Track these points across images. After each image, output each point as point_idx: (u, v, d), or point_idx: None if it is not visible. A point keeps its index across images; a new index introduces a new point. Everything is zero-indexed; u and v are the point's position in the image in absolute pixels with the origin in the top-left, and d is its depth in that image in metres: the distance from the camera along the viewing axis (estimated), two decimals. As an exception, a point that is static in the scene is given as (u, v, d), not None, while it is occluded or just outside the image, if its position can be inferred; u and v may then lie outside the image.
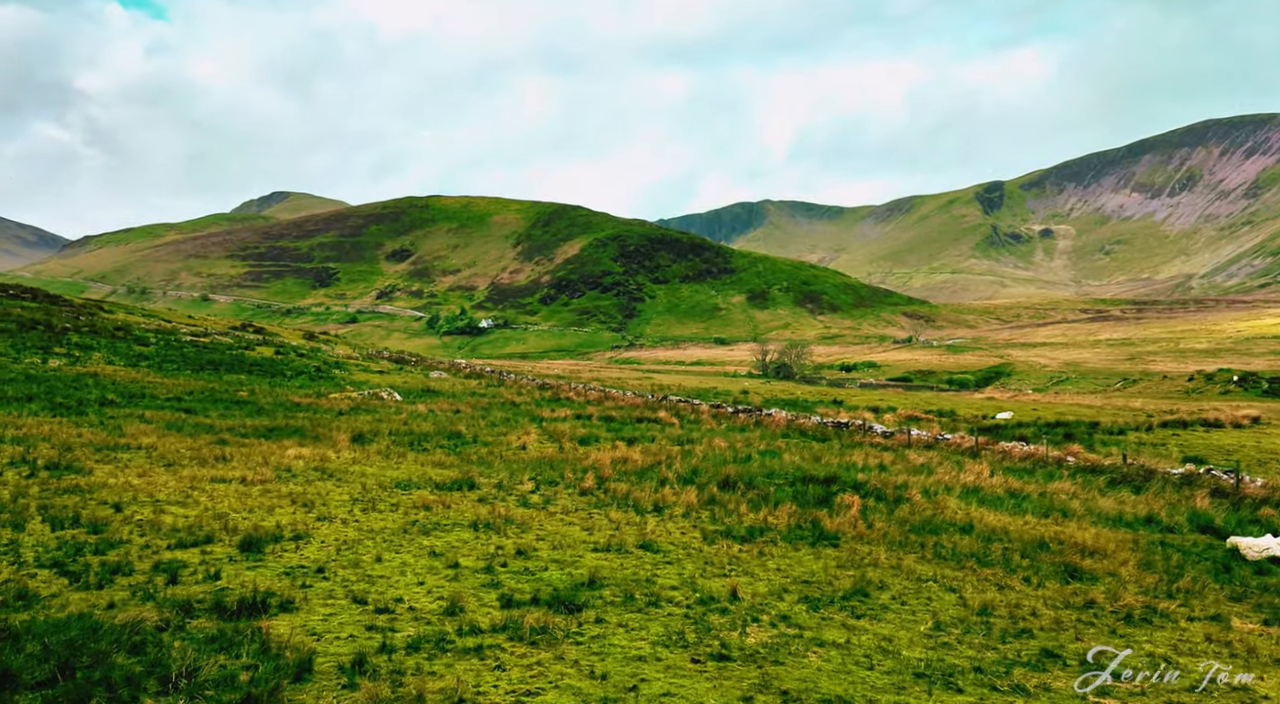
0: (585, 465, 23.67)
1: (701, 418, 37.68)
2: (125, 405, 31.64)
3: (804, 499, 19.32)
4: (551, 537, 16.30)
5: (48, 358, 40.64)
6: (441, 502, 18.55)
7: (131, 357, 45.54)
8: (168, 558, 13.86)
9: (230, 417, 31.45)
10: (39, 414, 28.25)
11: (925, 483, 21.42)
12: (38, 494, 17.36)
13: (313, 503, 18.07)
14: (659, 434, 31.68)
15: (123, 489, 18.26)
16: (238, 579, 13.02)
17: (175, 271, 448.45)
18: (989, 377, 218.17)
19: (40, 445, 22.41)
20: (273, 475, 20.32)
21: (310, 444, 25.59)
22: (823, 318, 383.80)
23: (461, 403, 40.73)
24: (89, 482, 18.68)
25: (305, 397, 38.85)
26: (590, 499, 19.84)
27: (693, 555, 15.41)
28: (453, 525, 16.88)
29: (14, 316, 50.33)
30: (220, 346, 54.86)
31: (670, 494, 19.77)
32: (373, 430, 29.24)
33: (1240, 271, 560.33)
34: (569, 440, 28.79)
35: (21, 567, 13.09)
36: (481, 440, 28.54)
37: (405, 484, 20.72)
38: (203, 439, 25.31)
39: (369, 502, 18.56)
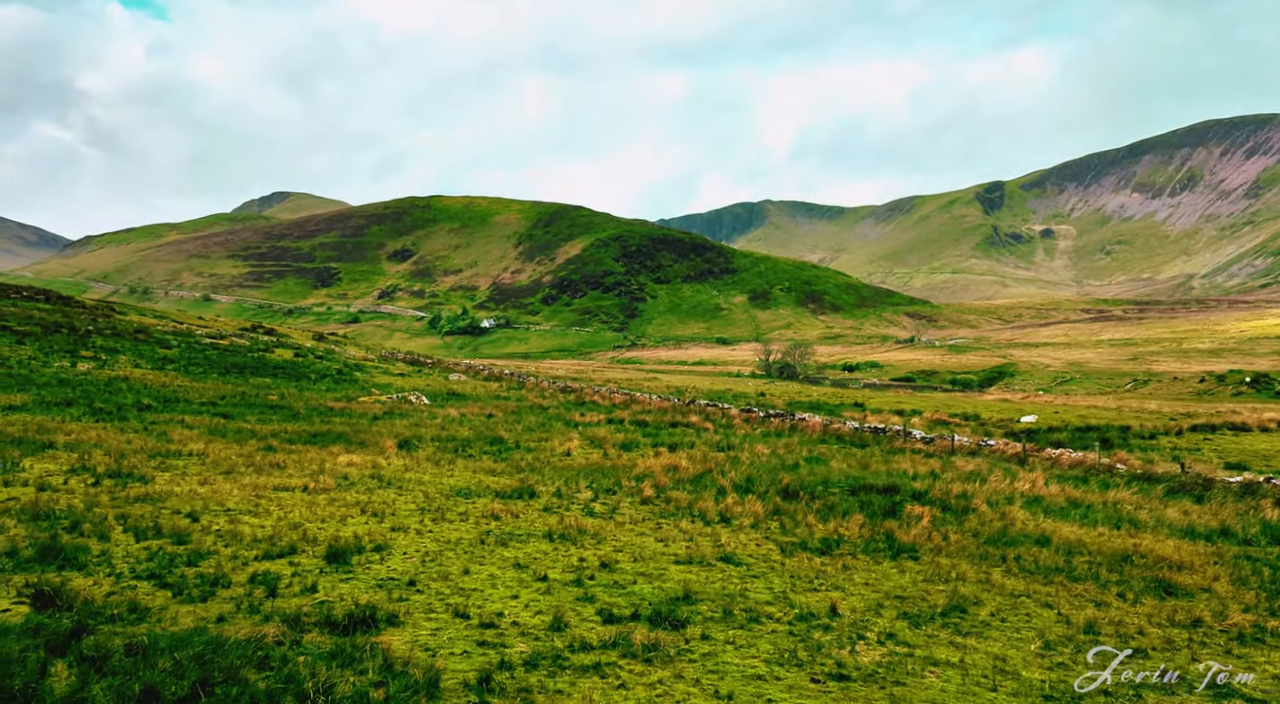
0: (637, 473, 23.56)
1: (734, 422, 37.55)
2: (162, 410, 31.54)
3: (870, 509, 19.20)
4: (629, 548, 16.23)
5: (76, 361, 40.53)
6: (508, 511, 18.48)
7: (157, 360, 45.41)
8: (259, 569, 13.80)
9: (268, 422, 31.36)
10: (81, 419, 28.17)
11: (985, 492, 21.31)
12: (109, 503, 17.30)
13: (382, 513, 18.00)
14: (696, 439, 31.54)
15: (190, 498, 18.19)
16: (334, 592, 12.96)
17: (177, 271, 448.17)
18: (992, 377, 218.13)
19: (94, 452, 22.34)
20: (334, 484, 20.25)
21: (358, 450, 25.52)
22: (825, 318, 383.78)
23: (490, 407, 40.61)
24: (155, 490, 18.61)
25: (336, 401, 38.76)
26: (653, 509, 19.75)
27: (775, 568, 15.34)
28: (527, 536, 16.82)
29: (36, 319, 50.20)
30: (240, 349, 54.74)
31: (734, 504, 19.67)
32: (415, 436, 29.13)
33: (1241, 272, 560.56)
34: (611, 447, 28.69)
35: (119, 578, 13.03)
36: (525, 446, 28.42)
37: (466, 492, 20.63)
38: (250, 445, 25.22)
39: (436, 511, 18.48)
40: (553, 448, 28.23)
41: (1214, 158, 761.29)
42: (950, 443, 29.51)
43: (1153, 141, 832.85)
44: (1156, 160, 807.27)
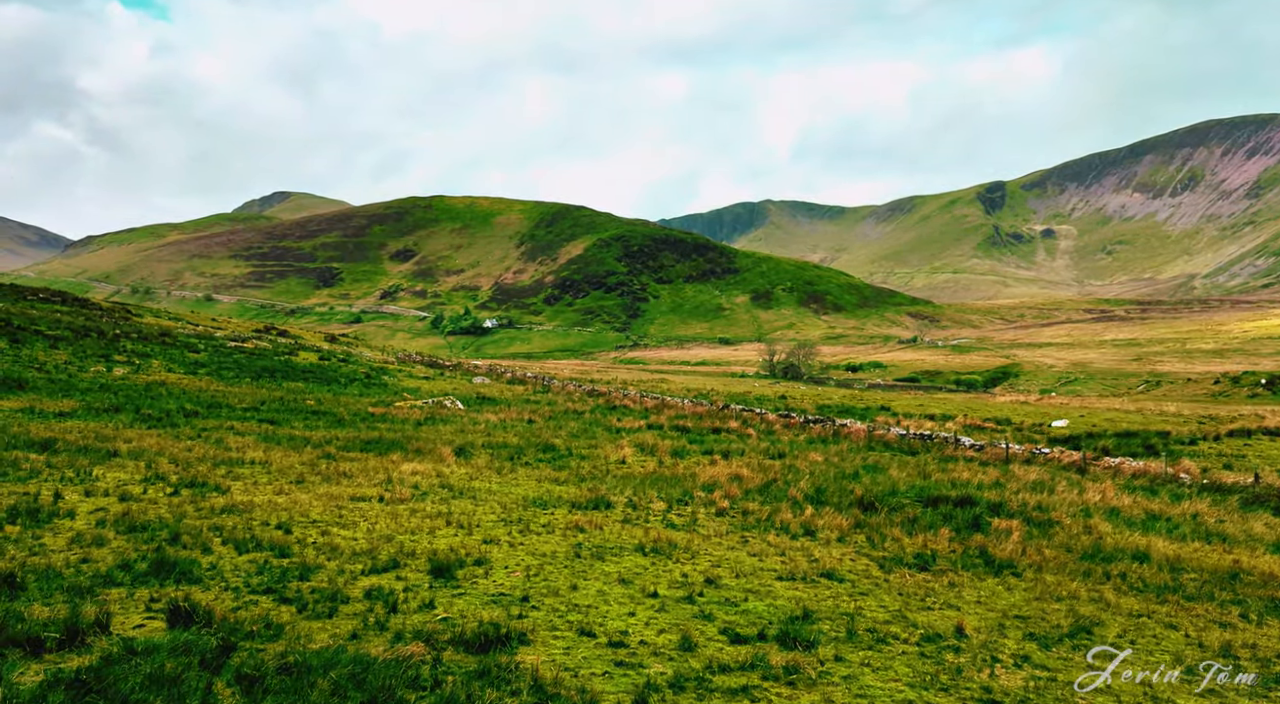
0: (702, 483, 23.38)
1: (774, 428, 37.30)
2: (208, 416, 31.35)
3: (953, 523, 19.04)
4: (726, 563, 16.04)
5: (112, 366, 40.32)
6: (589, 522, 18.31)
7: (188, 364, 45.21)
8: (369, 585, 13.65)
9: (316, 428, 31.18)
10: (133, 426, 27.98)
11: (1059, 504, 21.14)
12: (196, 514, 17.14)
13: (466, 524, 17.83)
14: (744, 446, 31.34)
15: (273, 509, 18.02)
16: (453, 608, 12.80)
17: (179, 271, 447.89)
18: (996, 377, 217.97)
19: (159, 461, 22.17)
20: (409, 494, 20.07)
21: (416, 458, 25.32)
22: (827, 318, 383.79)
23: (526, 411, 40.39)
24: (236, 501, 18.44)
25: (374, 406, 38.54)
26: (731, 521, 19.57)
27: (881, 585, 15.17)
28: (619, 549, 16.65)
29: (64, 323, 49.91)
30: (265, 353, 54.52)
31: (813, 516, 19.50)
32: (467, 443, 28.93)
33: (1243, 272, 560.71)
34: (664, 454, 28.52)
35: (238, 593, 12.88)
36: (578, 454, 28.23)
37: (540, 503, 20.45)
38: (308, 453, 25.05)
39: (518, 523, 18.31)
40: (606, 455, 28.04)
41: (1215, 158, 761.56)
42: (1004, 451, 29.28)
43: (1154, 141, 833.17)
44: (1157, 160, 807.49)
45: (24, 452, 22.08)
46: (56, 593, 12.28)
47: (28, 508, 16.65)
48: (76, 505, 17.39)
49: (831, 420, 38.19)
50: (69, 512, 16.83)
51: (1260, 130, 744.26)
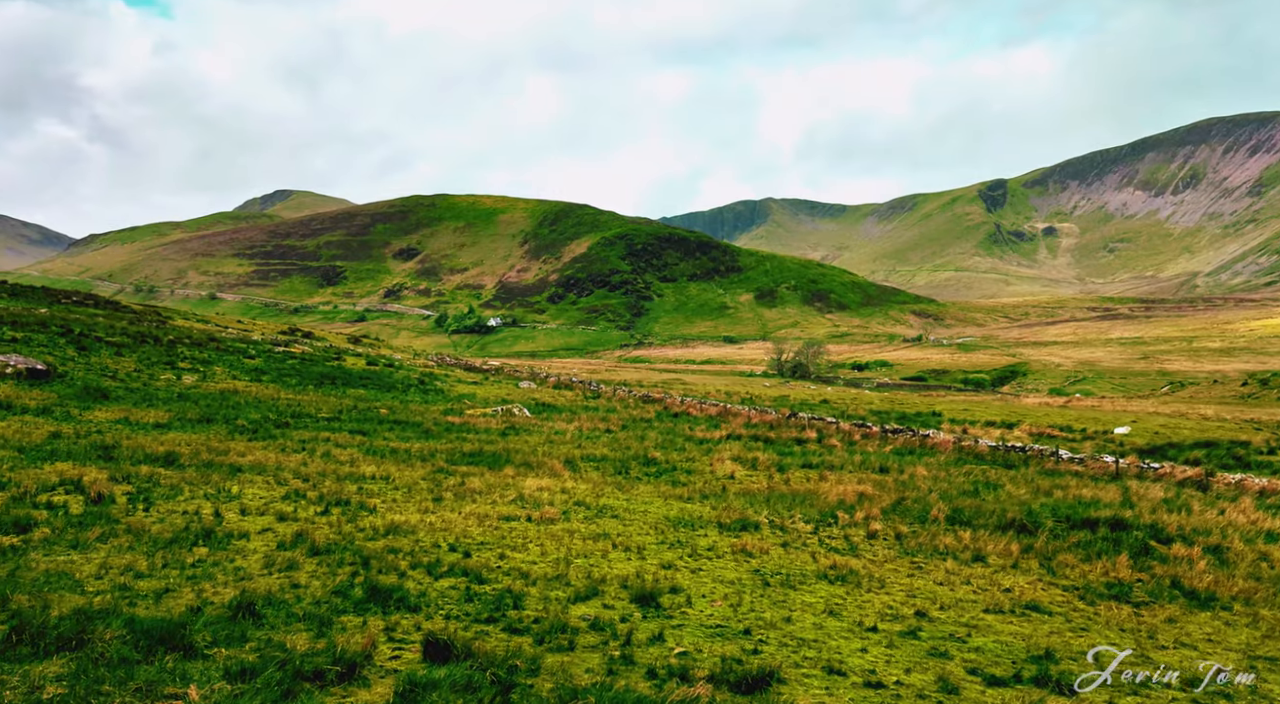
0: (831, 500, 22.91)
1: (854, 438, 36.78)
2: (297, 427, 30.87)
3: (1121, 548, 18.54)
4: (921, 594, 15.53)
5: (180, 374, 39.81)
6: (752, 546, 17.76)
7: (248, 370, 44.71)
8: (582, 613, 13.24)
9: (407, 439, 30.71)
10: (232, 437, 27.50)
11: (1214, 525, 20.69)
12: (363, 536, 16.69)
13: (632, 547, 17.35)
14: (838, 458, 30.79)
15: (430, 529, 17.56)
16: (684, 641, 12.40)
17: (182, 270, 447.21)
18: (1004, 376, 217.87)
19: (283, 475, 21.75)
20: (556, 513, 19.60)
21: (530, 472, 24.84)
22: (831, 316, 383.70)
23: (595, 420, 39.92)
24: (390, 521, 17.98)
25: (447, 414, 38.05)
26: (889, 545, 19.00)
27: (1094, 620, 14.66)
28: (800, 576, 16.19)
29: (119, 329, 49.31)
30: (315, 358, 54.00)
31: (972, 540, 19.02)
32: (565, 455, 28.44)
33: (1246, 269, 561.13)
34: (768, 469, 28.01)
35: (464, 622, 12.49)
36: (681, 468, 27.69)
37: (686, 523, 19.96)
38: (419, 468, 24.58)
39: (681, 545, 17.82)
40: (713, 470, 27.50)
41: (1217, 155, 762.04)
42: (1113, 465, 28.75)
43: (1155, 139, 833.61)
44: (1159, 158, 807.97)
45: (150, 466, 21.64)
46: (294, 622, 11.97)
47: (200, 528, 16.26)
48: (241, 525, 16.98)
49: (912, 430, 37.58)
50: (240, 532, 16.43)
51: (1262, 128, 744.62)
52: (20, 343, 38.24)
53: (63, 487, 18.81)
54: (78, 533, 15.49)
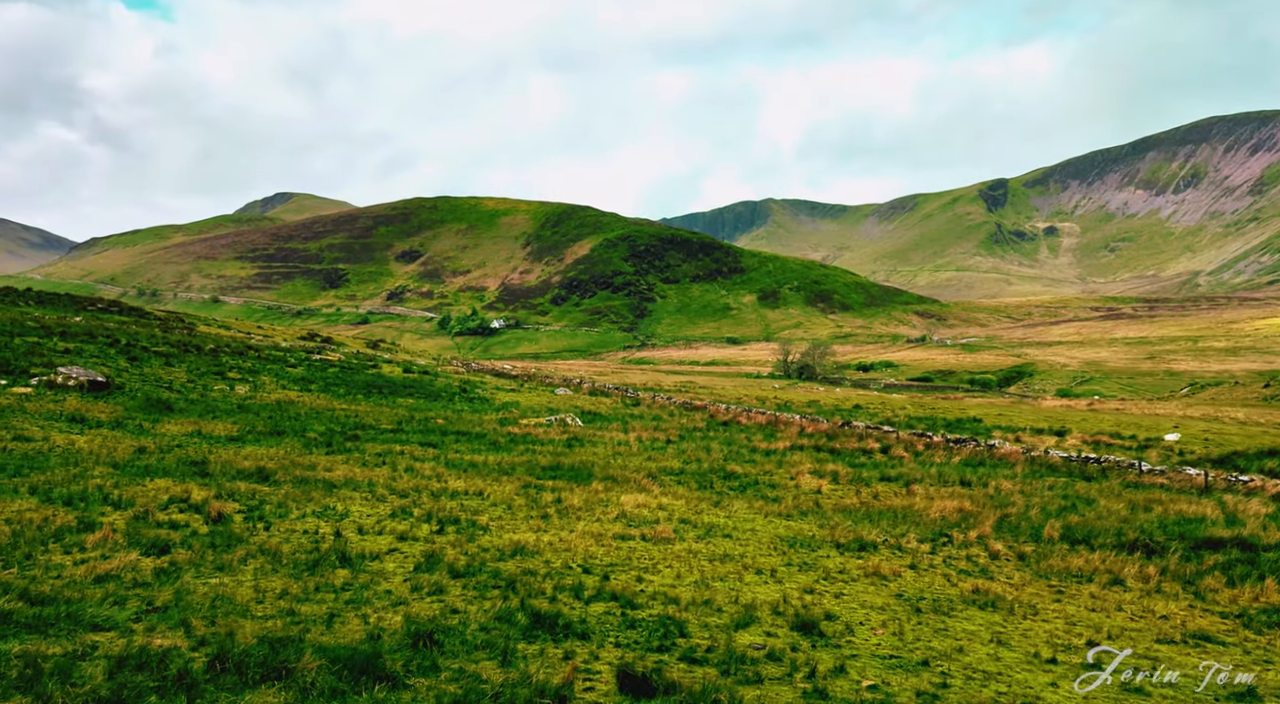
0: (933, 517, 22.59)
1: (918, 448, 36.43)
2: (365, 439, 30.66)
3: (1258, 570, 18.17)
4: (1081, 621, 15.07)
5: (233, 384, 39.61)
6: (880, 568, 17.27)
7: (295, 380, 44.50)
8: (749, 641, 13.01)
9: (478, 451, 30.50)
10: (310, 450, 27.32)
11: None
12: (489, 557, 16.50)
13: (762, 569, 16.98)
14: (912, 471, 30.35)
15: (554, 550, 17.28)
16: (872, 675, 12.16)
17: (185, 273, 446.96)
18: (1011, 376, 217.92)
19: (380, 491, 21.60)
20: (671, 533, 19.34)
21: (618, 487, 24.59)
22: (834, 317, 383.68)
23: (649, 429, 39.61)
24: (510, 541, 17.75)
25: (503, 424, 37.83)
26: (1020, 567, 18.55)
27: (1273, 651, 14.35)
28: (947, 601, 15.72)
29: (161, 338, 49.00)
30: (353, 366, 53.78)
31: (1103, 561, 18.58)
32: (640, 468, 28.27)
33: (1248, 268, 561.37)
34: (850, 483, 27.68)
35: (642, 652, 12.29)
36: (764, 482, 27.38)
37: (801, 542, 19.57)
38: (506, 482, 24.35)
39: (812, 567, 17.46)
40: (797, 485, 27.07)
41: (1218, 154, 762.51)
42: (1200, 478, 28.41)
43: (1156, 138, 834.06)
44: (1160, 157, 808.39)
45: (246, 483, 21.50)
46: (474, 650, 11.86)
47: (330, 549, 16.10)
48: (364, 545, 16.82)
49: (975, 440, 37.28)
50: (369, 552, 16.27)
51: (1263, 126, 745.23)
52: (74, 354, 38.04)
53: (174, 505, 18.66)
54: (217, 555, 15.36)
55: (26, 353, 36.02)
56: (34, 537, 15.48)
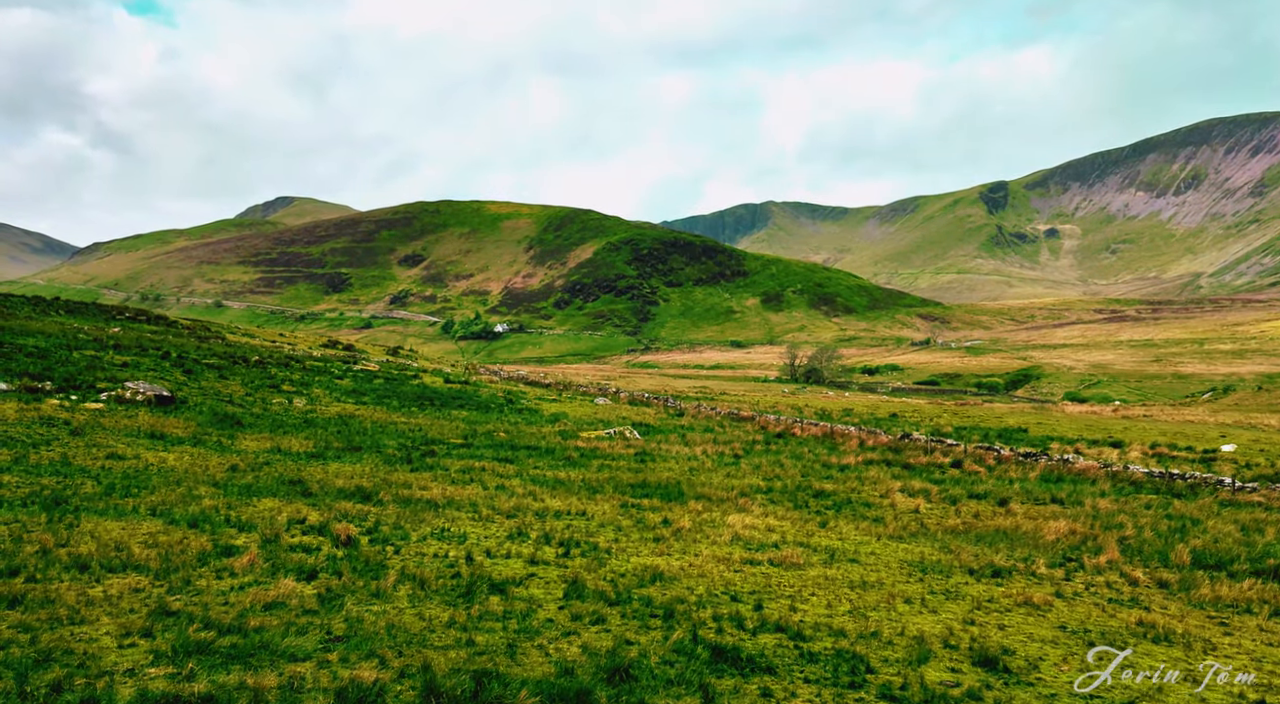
0: (1049, 539, 21.95)
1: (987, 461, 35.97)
2: (441, 455, 30.39)
3: None
4: (1269, 659, 14.64)
5: (290, 398, 39.35)
6: (1040, 597, 16.90)
7: (346, 392, 44.22)
8: (938, 678, 12.74)
9: (556, 467, 30.09)
10: (395, 467, 27.02)
11: None
12: (623, 580, 16.29)
13: (912, 598, 16.39)
14: (1000, 488, 29.81)
15: (688, 575, 16.93)
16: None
17: (188, 278, 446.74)
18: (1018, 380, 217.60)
19: (483, 511, 21.38)
20: (799, 558, 18.93)
21: (710, 506, 24.13)
22: (838, 320, 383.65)
23: (714, 442, 39.12)
24: (640, 565, 17.43)
25: (566, 438, 37.49)
26: (1170, 596, 18.08)
27: None
28: (1115, 634, 15.27)
29: (205, 349, 48.71)
30: (397, 376, 53.38)
31: (1252, 589, 17.93)
32: (723, 484, 27.94)
33: (1250, 270, 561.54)
34: (944, 501, 27.16)
35: (839, 690, 12.02)
36: (857, 500, 26.80)
37: (934, 568, 19.13)
38: (602, 502, 23.91)
39: (958, 595, 17.06)
40: (892, 504, 26.27)
41: (1218, 156, 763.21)
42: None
43: (1156, 140, 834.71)
44: (1160, 159, 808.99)
45: (350, 502, 21.28)
46: (671, 686, 11.60)
47: (482, 578, 15.91)
48: (498, 570, 16.61)
49: (1046, 454, 36.80)
50: (511, 578, 16.06)
51: (1264, 128, 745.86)
52: (131, 367, 37.78)
53: (295, 527, 18.45)
54: (366, 581, 15.20)
55: (88, 367, 35.75)
56: (180, 562, 15.32)
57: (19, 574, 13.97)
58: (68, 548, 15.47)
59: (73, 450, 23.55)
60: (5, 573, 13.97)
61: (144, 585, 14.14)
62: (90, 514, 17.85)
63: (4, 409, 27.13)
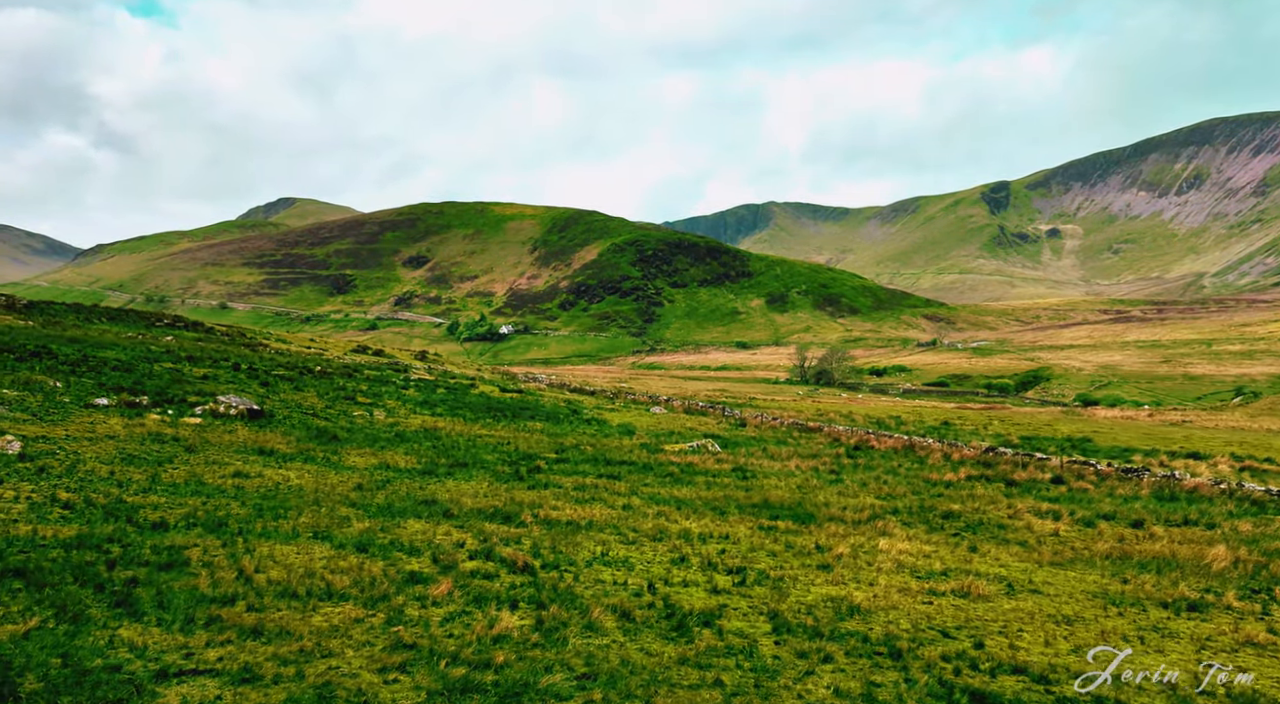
0: (1217, 568, 21.00)
1: (1085, 474, 35.54)
2: (545, 471, 29.93)
3: None
4: None
5: (369, 410, 38.89)
6: (1262, 637, 16.26)
7: (416, 403, 43.67)
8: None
9: (665, 484, 29.11)
10: (510, 485, 26.60)
11: None
12: (821, 612, 15.73)
13: (1125, 635, 15.94)
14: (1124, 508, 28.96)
15: (880, 608, 16.29)
16: None
17: (192, 279, 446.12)
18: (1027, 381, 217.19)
19: (628, 533, 20.98)
20: (988, 590, 18.28)
21: (851, 529, 23.32)
22: (843, 321, 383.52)
23: (800, 456, 38.39)
24: (825, 595, 16.39)
25: (652, 451, 36.89)
26: None
27: None
28: None
29: (268, 358, 48.37)
30: (456, 386, 52.69)
31: None
32: (848, 506, 27.29)
33: (1253, 270, 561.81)
34: (1084, 524, 26.37)
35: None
36: (989, 522, 25.69)
37: (1118, 599, 18.48)
38: (734, 523, 23.36)
39: (1173, 635, 16.37)
40: (1028, 525, 24.99)
41: (1220, 156, 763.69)
42: None
43: (1158, 140, 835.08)
44: (1162, 159, 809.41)
45: (493, 523, 20.86)
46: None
47: (678, 609, 15.59)
48: (683, 599, 16.28)
49: (1148, 470, 36.04)
50: (709, 611, 15.70)
51: (1266, 127, 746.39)
52: (210, 380, 37.36)
53: (461, 551, 18.10)
54: (568, 612, 14.87)
55: (172, 381, 35.29)
56: (382, 591, 15.02)
57: (237, 602, 13.70)
58: (264, 574, 15.18)
59: (198, 469, 23.18)
60: (223, 600, 13.70)
61: (360, 615, 13.89)
62: (254, 537, 17.51)
63: (111, 424, 26.80)
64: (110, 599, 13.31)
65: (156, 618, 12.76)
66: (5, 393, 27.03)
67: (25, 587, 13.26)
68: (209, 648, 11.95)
